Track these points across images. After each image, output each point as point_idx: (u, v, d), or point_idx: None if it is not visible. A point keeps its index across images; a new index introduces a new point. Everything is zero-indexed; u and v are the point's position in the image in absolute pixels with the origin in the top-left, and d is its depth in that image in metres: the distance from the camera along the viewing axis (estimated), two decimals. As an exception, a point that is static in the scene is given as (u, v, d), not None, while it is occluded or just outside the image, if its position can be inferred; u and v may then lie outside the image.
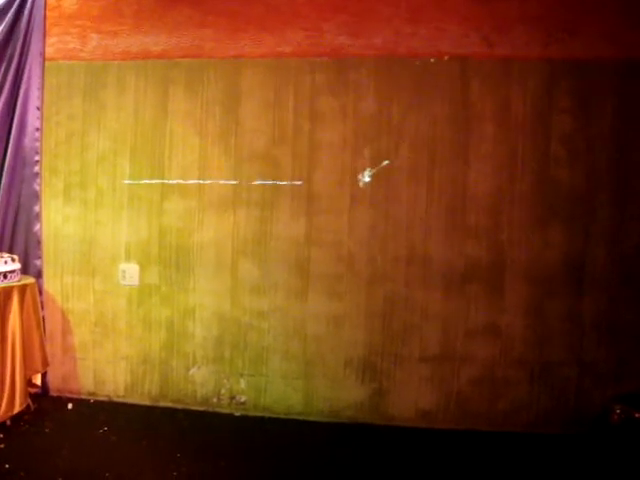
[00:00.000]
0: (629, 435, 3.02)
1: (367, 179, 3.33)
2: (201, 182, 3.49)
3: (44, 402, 3.46)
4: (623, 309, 3.25)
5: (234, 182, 3.47)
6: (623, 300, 3.25)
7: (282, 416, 3.44)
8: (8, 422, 3.02)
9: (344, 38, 3.37)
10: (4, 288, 3.00)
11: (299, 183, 3.39)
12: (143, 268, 3.55)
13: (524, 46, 3.28)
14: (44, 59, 3.47)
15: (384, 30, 3.34)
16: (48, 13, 3.46)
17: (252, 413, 3.48)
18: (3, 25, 3.44)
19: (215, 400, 3.52)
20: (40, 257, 3.51)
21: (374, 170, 3.30)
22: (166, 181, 3.52)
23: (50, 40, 3.51)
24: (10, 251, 3.40)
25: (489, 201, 3.31)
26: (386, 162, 3.27)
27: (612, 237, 3.26)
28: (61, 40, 3.55)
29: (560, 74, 3.27)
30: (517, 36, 3.28)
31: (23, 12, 3.46)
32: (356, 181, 3.38)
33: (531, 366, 3.31)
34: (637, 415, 3.04)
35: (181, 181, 3.51)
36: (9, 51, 3.47)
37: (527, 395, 3.31)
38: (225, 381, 3.51)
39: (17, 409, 3.04)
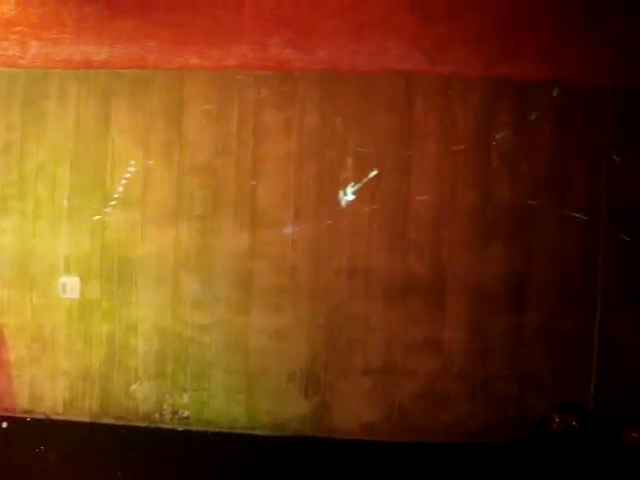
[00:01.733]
0: (567, 442, 3.13)
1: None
2: (143, 194, 3.45)
3: (-23, 421, 3.35)
4: (560, 322, 3.35)
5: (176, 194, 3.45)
6: (561, 313, 3.35)
7: (226, 430, 3.41)
8: (-64, 443, 2.92)
9: (289, 52, 3.37)
10: None
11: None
12: (84, 281, 3.47)
13: (465, 64, 3.34)
14: (-19, 66, 3.38)
15: (328, 46, 3.34)
16: (-15, 19, 3.37)
17: (195, 428, 3.43)
18: (-63, 30, 3.33)
19: (157, 416, 3.46)
20: (-25, 270, 3.40)
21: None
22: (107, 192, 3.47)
23: (-13, 46, 3.41)
24: (-57, 264, 3.28)
25: (431, 216, 3.37)
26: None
27: (551, 253, 3.36)
28: (-1, 46, 3.46)
29: (501, 92, 3.38)
30: (459, 54, 3.33)
31: (-41, 17, 3.35)
32: (300, 194, 3.40)
33: (473, 379, 3.37)
34: (574, 423, 3.15)
35: (122, 193, 3.47)
36: (-57, 57, 3.37)
37: (469, 406, 3.37)
38: (167, 396, 3.45)
39: (-54, 429, 2.94)
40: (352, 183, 3.35)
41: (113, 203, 3.47)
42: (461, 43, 3.34)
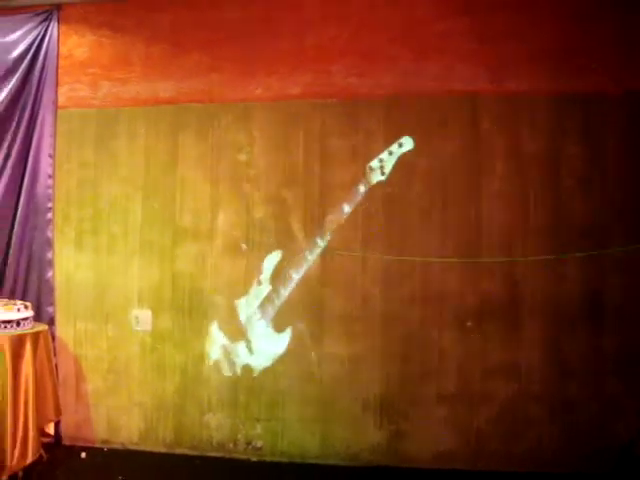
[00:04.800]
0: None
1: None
2: (213, 225, 3.51)
3: (57, 451, 3.40)
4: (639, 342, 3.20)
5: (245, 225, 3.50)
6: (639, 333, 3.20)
7: (299, 460, 3.38)
8: (20, 473, 2.96)
9: (353, 79, 3.41)
10: (18, 336, 2.97)
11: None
12: (156, 314, 3.53)
13: (531, 83, 3.30)
14: (56, 107, 3.52)
15: (392, 70, 3.37)
16: (60, 62, 3.53)
17: (269, 458, 3.41)
18: (17, 75, 3.51)
19: (231, 446, 3.45)
20: (53, 304, 3.50)
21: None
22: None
23: (62, 89, 3.56)
24: (23, 298, 3.38)
25: (503, 237, 3.30)
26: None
27: (628, 269, 3.22)
28: (73, 88, 3.61)
29: (568, 109, 3.29)
30: (524, 73, 3.31)
31: (36, 62, 3.53)
32: (369, 221, 3.38)
33: (551, 403, 3.24)
34: (664, 449, 2.98)
35: (192, 225, 3.53)
36: (22, 100, 3.53)
37: (548, 433, 3.24)
38: (241, 426, 3.45)
39: (29, 460, 2.97)
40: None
41: (183, 235, 3.54)
42: (525, 61, 3.31)
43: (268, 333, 3.44)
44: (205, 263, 3.50)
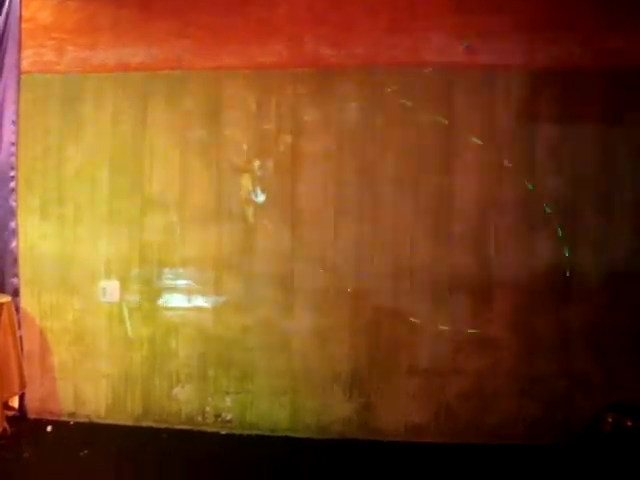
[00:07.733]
0: (621, 443, 3.00)
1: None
2: (182, 195, 3.44)
3: (22, 425, 3.33)
4: (609, 318, 3.23)
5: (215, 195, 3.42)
6: (609, 309, 3.23)
7: (269, 433, 3.37)
8: (-17, 447, 2.92)
9: (325, 48, 3.34)
10: (-21, 308, 2.91)
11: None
12: (124, 285, 3.47)
13: (507, 55, 3.27)
14: (19, 72, 3.39)
15: (365, 40, 3.32)
16: (23, 25, 3.39)
17: (238, 431, 3.39)
18: (-23, 39, 3.37)
19: (200, 419, 3.43)
20: (17, 275, 3.40)
21: None
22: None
23: (25, 53, 3.42)
24: (-14, 270, 3.31)
25: (475, 210, 3.29)
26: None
27: (598, 246, 3.24)
28: (37, 53, 3.48)
29: (544, 82, 3.27)
30: (500, 45, 3.28)
31: (-3, 25, 3.39)
32: (340, 192, 3.34)
33: (520, 377, 3.27)
34: (629, 423, 3.02)
35: (161, 195, 3.45)
36: (-17, 65, 3.40)
37: (517, 407, 3.27)
38: (210, 399, 3.42)
39: (-7, 434, 2.94)
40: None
41: (152, 205, 3.46)
42: (502, 33, 3.28)
43: (237, 305, 3.40)
44: (174, 233, 3.43)
